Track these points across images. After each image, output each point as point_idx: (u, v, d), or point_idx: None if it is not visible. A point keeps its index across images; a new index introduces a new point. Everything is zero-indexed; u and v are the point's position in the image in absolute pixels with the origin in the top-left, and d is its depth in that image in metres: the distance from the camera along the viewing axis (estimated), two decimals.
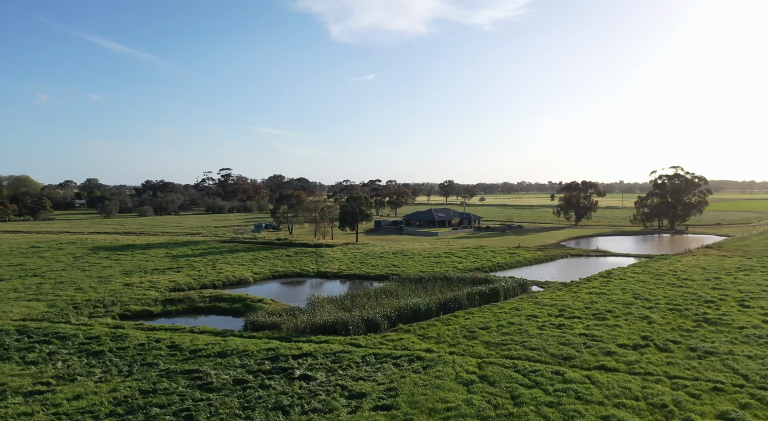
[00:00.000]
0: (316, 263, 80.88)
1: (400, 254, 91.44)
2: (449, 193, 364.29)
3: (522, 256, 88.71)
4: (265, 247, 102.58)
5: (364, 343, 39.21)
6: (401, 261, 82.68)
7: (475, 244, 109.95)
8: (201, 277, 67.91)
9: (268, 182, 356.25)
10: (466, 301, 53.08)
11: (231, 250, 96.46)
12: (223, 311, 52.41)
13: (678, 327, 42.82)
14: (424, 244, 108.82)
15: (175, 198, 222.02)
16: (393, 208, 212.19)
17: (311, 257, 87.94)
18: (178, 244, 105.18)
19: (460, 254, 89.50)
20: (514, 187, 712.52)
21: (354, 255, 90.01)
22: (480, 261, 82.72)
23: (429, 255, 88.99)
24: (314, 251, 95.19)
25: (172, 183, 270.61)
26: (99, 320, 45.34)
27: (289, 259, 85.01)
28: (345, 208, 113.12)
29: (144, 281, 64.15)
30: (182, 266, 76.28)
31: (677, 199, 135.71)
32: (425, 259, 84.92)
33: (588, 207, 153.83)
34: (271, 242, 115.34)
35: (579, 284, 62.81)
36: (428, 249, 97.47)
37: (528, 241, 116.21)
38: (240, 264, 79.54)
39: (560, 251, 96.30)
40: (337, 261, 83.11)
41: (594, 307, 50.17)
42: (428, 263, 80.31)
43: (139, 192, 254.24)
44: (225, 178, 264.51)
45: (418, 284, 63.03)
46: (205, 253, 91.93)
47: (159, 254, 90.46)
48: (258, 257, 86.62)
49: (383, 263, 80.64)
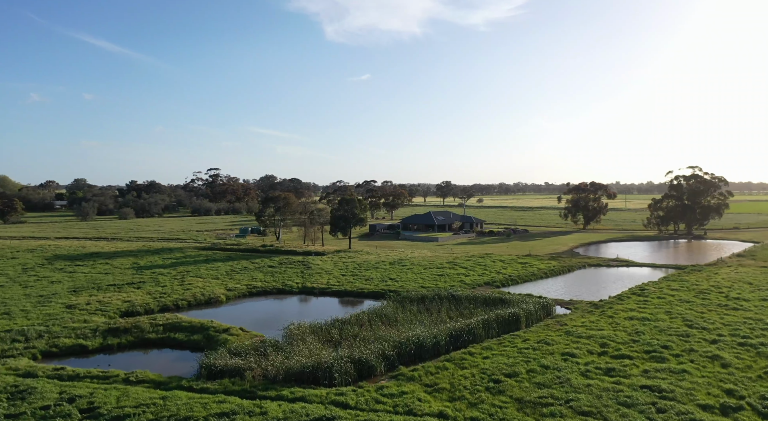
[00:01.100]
0: (301, 276, 70.53)
1: (398, 263, 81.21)
2: (446, 194, 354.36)
3: (535, 266, 78.66)
4: (247, 255, 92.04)
5: (354, 402, 28.90)
6: (399, 273, 72.45)
7: (479, 251, 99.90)
8: (163, 295, 57.40)
9: (259, 183, 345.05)
10: (481, 330, 42.91)
11: (208, 259, 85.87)
12: (179, 344, 41.97)
13: (765, 374, 32.77)
14: (424, 251, 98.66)
15: (159, 199, 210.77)
16: (389, 210, 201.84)
17: (297, 267, 77.54)
18: (150, 252, 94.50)
19: (465, 265, 79.36)
20: (510, 189, 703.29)
21: (346, 265, 79.69)
22: (489, 273, 72.59)
23: (430, 266, 78.80)
24: (301, 260, 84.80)
25: (158, 183, 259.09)
26: (8, 363, 34.79)
27: (271, 271, 74.55)
28: (336, 212, 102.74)
29: (92, 301, 53.57)
30: (145, 281, 65.71)
31: (695, 201, 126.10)
32: (426, 270, 74.73)
33: (597, 210, 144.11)
34: (255, 248, 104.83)
35: (612, 305, 52.77)
36: (429, 258, 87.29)
37: (537, 247, 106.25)
38: (214, 277, 69.04)
39: (576, 260, 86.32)
40: (325, 273, 72.76)
41: (642, 339, 40.09)
42: (430, 276, 70.12)
43: (123, 193, 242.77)
44: (213, 178, 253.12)
45: (420, 304, 52.94)
46: (177, 263, 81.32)
47: (124, 264, 79.78)
48: (236, 269, 76.12)
49: (379, 276, 70.38)
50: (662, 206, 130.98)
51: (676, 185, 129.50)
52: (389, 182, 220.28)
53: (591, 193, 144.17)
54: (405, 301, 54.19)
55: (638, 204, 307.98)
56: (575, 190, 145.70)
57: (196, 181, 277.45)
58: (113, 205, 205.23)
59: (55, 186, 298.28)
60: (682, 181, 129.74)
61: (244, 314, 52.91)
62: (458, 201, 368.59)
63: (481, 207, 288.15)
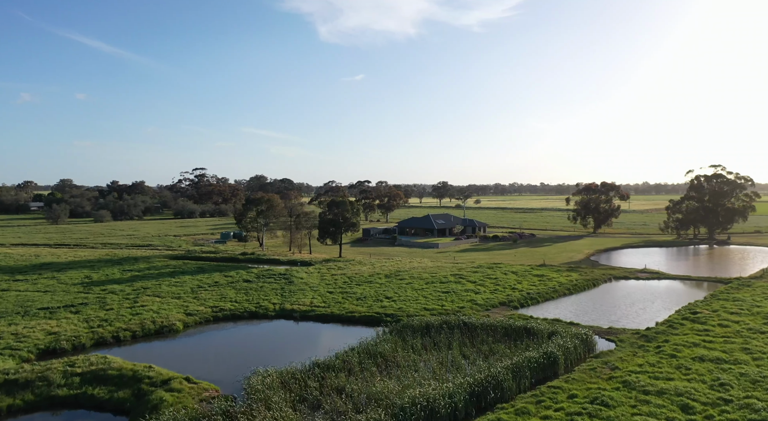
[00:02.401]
0: (281, 294, 59.22)
1: (395, 277, 70.10)
2: (443, 195, 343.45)
3: (554, 280, 67.73)
4: (222, 266, 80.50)
5: None
6: (397, 289, 61.30)
7: (486, 260, 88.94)
8: (104, 323, 45.95)
9: (249, 183, 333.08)
10: (511, 382, 31.81)
11: (175, 271, 74.37)
12: (98, 405, 30.59)
13: None
14: (424, 260, 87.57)
15: (139, 201, 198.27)
16: (384, 212, 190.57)
17: (277, 282, 66.24)
18: (112, 261, 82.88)
19: (473, 278, 68.31)
20: (506, 189, 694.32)
21: (334, 279, 68.46)
22: (503, 289, 61.57)
23: (433, 279, 67.72)
24: (284, 272, 73.50)
25: (141, 184, 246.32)
26: None
27: (246, 287, 63.18)
28: (325, 215, 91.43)
29: (6, 333, 42.06)
30: (89, 302, 54.17)
31: (718, 203, 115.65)
32: (429, 286, 63.63)
33: (609, 212, 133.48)
34: (233, 257, 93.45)
35: (666, 336, 41.90)
36: (430, 269, 76.19)
37: (549, 255, 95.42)
38: (175, 296, 57.60)
39: (598, 271, 75.47)
40: (310, 290, 61.49)
41: (734, 397, 29.18)
42: (434, 294, 59.01)
43: (104, 194, 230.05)
44: (199, 178, 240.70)
45: (425, 336, 42.06)
46: (137, 277, 69.78)
47: (74, 278, 68.14)
48: (205, 284, 64.69)
49: (373, 294, 59.20)
50: (681, 208, 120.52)
51: (697, 185, 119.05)
52: (384, 183, 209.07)
53: (602, 194, 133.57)
54: (406, 331, 43.16)
55: (639, 205, 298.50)
56: (585, 190, 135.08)
57: (184, 182, 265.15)
58: (90, 207, 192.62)
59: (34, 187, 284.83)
60: (703, 182, 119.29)
61: (199, 350, 41.53)
62: (455, 202, 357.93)
63: (480, 208, 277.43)
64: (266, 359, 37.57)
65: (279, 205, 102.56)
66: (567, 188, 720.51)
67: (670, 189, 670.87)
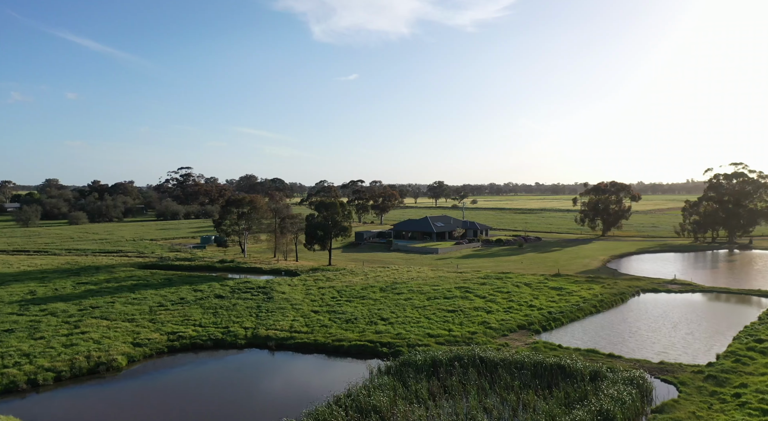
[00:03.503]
0: (256, 315, 49.71)
1: (392, 290, 60.74)
2: (439, 195, 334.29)
3: (575, 295, 58.56)
4: (194, 278, 70.74)
5: None
6: (394, 308, 51.92)
7: (493, 268, 79.77)
8: (24, 359, 36.27)
9: (239, 183, 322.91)
10: None
11: (137, 284, 64.63)
12: None
13: None
14: (424, 268, 78.25)
15: (120, 202, 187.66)
16: (378, 213, 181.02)
17: (255, 297, 56.71)
18: (69, 272, 73.05)
19: (481, 292, 59.03)
20: (502, 189, 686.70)
21: (321, 294, 58.98)
22: (519, 308, 52.31)
23: (435, 294, 58.38)
24: (264, 285, 63.96)
25: (123, 184, 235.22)
26: None
27: (217, 305, 53.57)
28: (313, 219, 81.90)
29: None
30: (17, 327, 44.38)
31: (739, 204, 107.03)
32: (432, 302, 54.28)
33: (619, 214, 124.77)
34: (211, 265, 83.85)
35: (740, 378, 32.88)
36: (432, 281, 66.84)
37: (561, 262, 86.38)
38: (128, 318, 47.93)
39: (623, 282, 66.39)
40: (291, 309, 51.96)
41: None
42: (439, 314, 49.66)
43: (84, 194, 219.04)
44: (185, 178, 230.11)
45: (432, 377, 32.87)
46: (90, 292, 59.97)
47: (15, 294, 58.23)
48: (168, 301, 55.02)
49: (366, 313, 49.80)
50: (699, 210, 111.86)
51: (716, 185, 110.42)
52: (378, 182, 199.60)
53: (612, 194, 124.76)
54: (407, 370, 33.82)
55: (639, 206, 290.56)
56: (594, 191, 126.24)
57: (171, 181, 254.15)
58: (67, 208, 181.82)
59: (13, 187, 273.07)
60: (723, 181, 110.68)
61: (134, 402, 31.83)
62: (451, 202, 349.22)
63: (477, 209, 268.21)
64: (219, 418, 28.12)
65: (263, 206, 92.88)
66: (563, 188, 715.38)
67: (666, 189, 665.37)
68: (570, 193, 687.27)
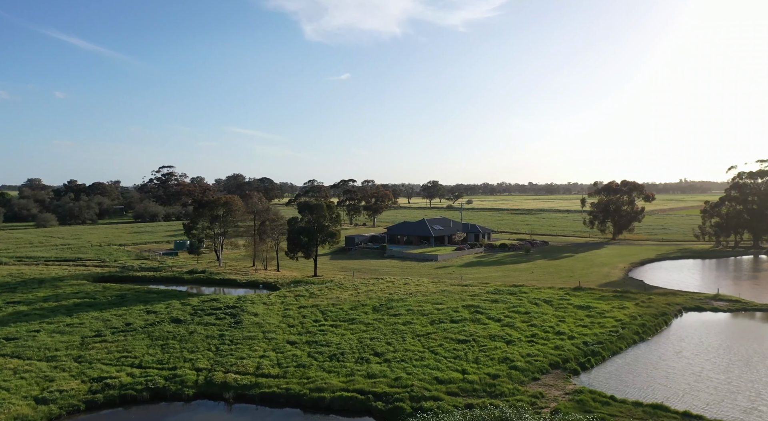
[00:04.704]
0: (216, 348, 39.23)
1: (387, 310, 50.41)
2: (433, 195, 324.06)
3: (608, 316, 48.53)
4: (153, 293, 59.98)
5: None
6: (392, 338, 41.58)
7: (502, 279, 69.74)
8: None
9: (226, 183, 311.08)
10: None
11: (83, 302, 53.84)
12: None
13: None
14: (423, 280, 68.02)
15: (94, 203, 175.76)
16: (371, 214, 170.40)
17: (219, 322, 46.18)
18: (6, 287, 62.16)
19: (495, 312, 48.82)
20: (495, 189, 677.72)
21: (302, 316, 48.52)
22: (545, 336, 42.17)
23: (440, 315, 48.09)
24: (234, 303, 53.40)
25: (101, 183, 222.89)
26: None
27: (171, 332, 43.01)
28: (296, 223, 71.37)
29: None
30: None
31: (766, 205, 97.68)
32: (437, 328, 44.00)
33: (632, 216, 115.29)
34: (179, 276, 73.24)
35: None
36: (434, 296, 56.54)
37: (578, 271, 76.54)
38: (48, 355, 37.26)
39: (657, 298, 56.45)
40: (262, 339, 41.47)
41: None
42: (447, 346, 39.37)
43: (59, 194, 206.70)
44: (167, 177, 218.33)
45: None
46: (18, 314, 49.11)
47: None
48: (110, 327, 44.34)
49: (356, 345, 39.46)
50: (721, 212, 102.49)
51: (741, 185, 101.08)
52: (371, 182, 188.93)
53: (623, 194, 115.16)
54: None
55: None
56: (604, 190, 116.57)
57: (154, 181, 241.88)
58: (38, 209, 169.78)
59: None
60: (747, 180, 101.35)
61: None
62: (446, 202, 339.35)
63: (473, 210, 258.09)
64: None
65: (240, 208, 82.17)
66: (557, 188, 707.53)
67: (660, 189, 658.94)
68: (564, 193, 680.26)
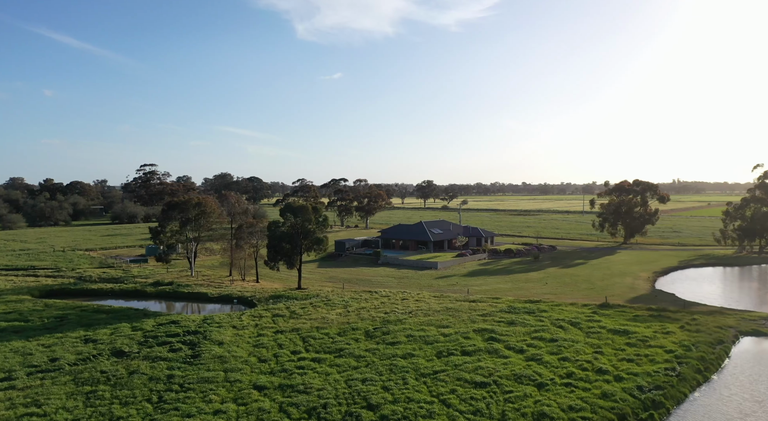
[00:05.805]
0: (158, 398, 29.83)
1: (383, 337, 41.11)
2: (428, 195, 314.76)
3: (652, 344, 39.61)
4: (100, 315, 50.26)
5: None
6: (389, 380, 32.28)
7: (512, 291, 60.74)
8: None
9: (213, 182, 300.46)
10: None
11: (10, 326, 44.12)
12: None
13: None
14: (423, 294, 58.79)
15: (68, 203, 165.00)
16: (363, 216, 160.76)
17: (173, 356, 36.68)
18: None
19: (515, 340, 39.64)
20: (489, 189, 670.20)
21: (278, 345, 39.10)
22: (585, 376, 33.08)
23: (447, 344, 38.82)
24: (196, 328, 43.90)
25: (79, 182, 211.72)
26: None
27: (105, 373, 33.49)
28: (277, 227, 61.82)
29: None
30: None
31: None
32: (445, 363, 34.73)
33: (645, 219, 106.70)
34: (142, 288, 63.47)
35: None
36: (438, 317, 47.24)
37: (596, 281, 67.77)
38: None
39: (703, 318, 47.62)
40: (221, 384, 32.01)
41: None
42: (460, 391, 30.13)
43: (34, 194, 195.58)
44: (148, 176, 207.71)
45: None
46: None
47: None
48: (27, 366, 34.75)
49: (343, 392, 30.17)
50: (744, 214, 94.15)
51: (766, 185, 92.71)
52: (363, 181, 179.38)
53: (636, 195, 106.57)
54: None
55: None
56: (615, 191, 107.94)
57: (138, 181, 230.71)
58: (7, 210, 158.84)
59: None
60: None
61: None
62: (440, 202, 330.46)
63: (469, 210, 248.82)
64: None
65: (215, 210, 72.54)
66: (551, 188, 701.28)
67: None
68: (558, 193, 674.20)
